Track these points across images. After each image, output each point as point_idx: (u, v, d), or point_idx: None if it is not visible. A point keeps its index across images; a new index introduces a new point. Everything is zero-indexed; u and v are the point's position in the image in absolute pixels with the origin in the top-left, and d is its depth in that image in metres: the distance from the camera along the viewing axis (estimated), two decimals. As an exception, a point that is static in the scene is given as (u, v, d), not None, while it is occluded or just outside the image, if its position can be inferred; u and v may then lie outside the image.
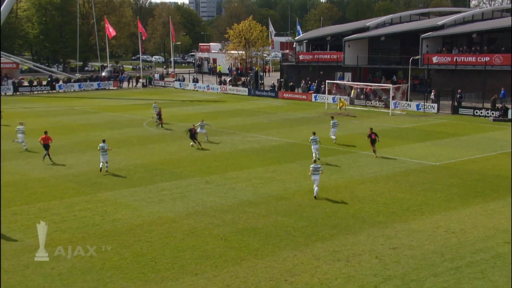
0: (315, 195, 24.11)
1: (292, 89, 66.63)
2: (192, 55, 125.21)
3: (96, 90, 76.28)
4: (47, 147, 31.38)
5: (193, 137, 35.10)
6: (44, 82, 75.09)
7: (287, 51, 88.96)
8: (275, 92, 66.57)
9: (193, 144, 35.21)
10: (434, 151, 33.88)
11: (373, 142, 32.06)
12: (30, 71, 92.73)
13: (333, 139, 36.21)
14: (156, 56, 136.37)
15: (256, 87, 70.81)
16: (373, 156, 32.09)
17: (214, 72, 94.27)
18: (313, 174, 24.28)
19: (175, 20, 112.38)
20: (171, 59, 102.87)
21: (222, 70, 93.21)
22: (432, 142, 37.10)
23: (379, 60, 67.07)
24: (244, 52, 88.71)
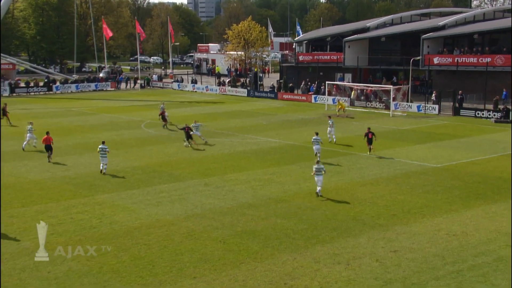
0: (318, 192, 24.23)
1: (291, 90, 66.50)
2: (191, 56, 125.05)
3: (94, 91, 76.07)
4: (49, 148, 31.36)
5: (188, 136, 35.23)
6: (41, 83, 74.89)
7: (286, 51, 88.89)
8: (275, 93, 66.43)
9: (186, 144, 35.37)
10: (435, 153, 33.73)
11: (370, 142, 32.46)
12: (26, 72, 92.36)
13: (333, 138, 36.57)
14: (154, 57, 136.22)
15: (255, 88, 70.66)
16: (373, 158, 32.07)
17: (213, 73, 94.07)
18: (316, 175, 24.28)
19: (173, 21, 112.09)
20: (170, 60, 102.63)
21: (220, 71, 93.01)
22: (433, 143, 36.96)
23: (379, 61, 66.98)
24: (243, 53, 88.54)
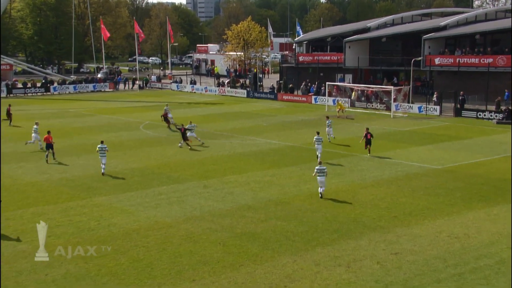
0: (321, 191, 24.24)
1: (291, 91, 66.43)
2: (190, 57, 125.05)
3: (92, 92, 76.03)
4: (50, 147, 31.49)
5: (184, 137, 35.39)
6: (39, 84, 74.92)
7: (286, 52, 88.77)
8: (274, 94, 66.37)
9: (181, 145, 35.48)
10: (437, 155, 33.61)
11: (368, 142, 32.70)
12: (24, 72, 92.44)
13: (331, 137, 37.31)
14: (153, 58, 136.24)
15: (255, 89, 70.59)
16: (374, 159, 32.03)
17: (212, 74, 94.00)
18: (318, 176, 24.17)
19: (172, 21, 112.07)
20: (168, 61, 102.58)
21: (219, 71, 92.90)
22: (435, 145, 36.84)
23: (380, 61, 66.90)
24: (242, 53, 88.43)
